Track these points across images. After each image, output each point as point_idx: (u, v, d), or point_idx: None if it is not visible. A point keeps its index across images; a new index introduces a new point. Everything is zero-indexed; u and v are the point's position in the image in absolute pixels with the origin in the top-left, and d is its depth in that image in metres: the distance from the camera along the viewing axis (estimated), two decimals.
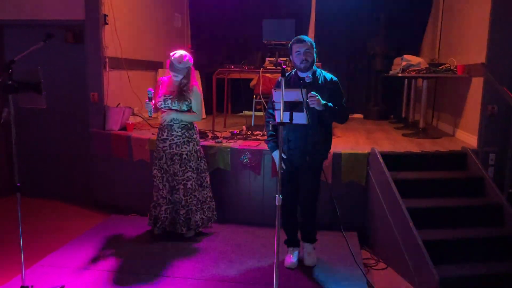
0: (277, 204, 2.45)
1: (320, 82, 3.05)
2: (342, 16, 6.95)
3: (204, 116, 6.56)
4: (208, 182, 3.86)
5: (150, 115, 3.64)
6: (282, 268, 3.24)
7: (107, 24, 4.77)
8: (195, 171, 3.70)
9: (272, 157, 3.52)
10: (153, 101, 3.61)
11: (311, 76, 3.05)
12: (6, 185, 5.24)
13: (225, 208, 4.24)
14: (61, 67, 4.97)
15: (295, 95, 2.53)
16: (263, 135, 4.71)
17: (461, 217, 3.49)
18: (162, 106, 3.61)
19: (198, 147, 3.74)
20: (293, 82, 3.08)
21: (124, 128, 4.82)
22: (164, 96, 3.59)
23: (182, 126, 3.62)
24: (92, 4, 4.66)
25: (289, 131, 3.08)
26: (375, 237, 3.81)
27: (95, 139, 4.84)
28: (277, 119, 2.52)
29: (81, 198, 4.98)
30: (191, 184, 3.68)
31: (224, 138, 4.48)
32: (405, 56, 5.34)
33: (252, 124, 5.71)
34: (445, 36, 5.88)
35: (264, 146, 4.16)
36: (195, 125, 3.75)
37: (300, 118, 2.56)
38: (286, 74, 3.17)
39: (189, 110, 3.63)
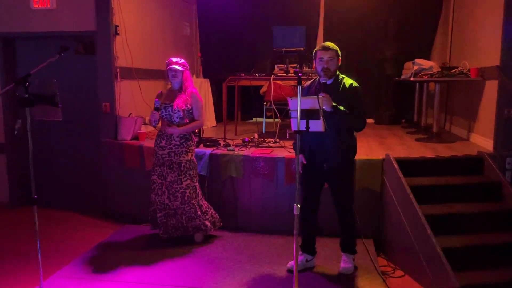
0: (295, 213, 2.43)
1: (340, 87, 3.07)
2: (351, 21, 6.93)
3: (214, 124, 6.59)
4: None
5: (154, 125, 3.73)
6: (300, 275, 3.20)
7: (118, 34, 4.80)
8: (194, 180, 3.75)
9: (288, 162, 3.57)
10: (159, 112, 3.67)
11: (332, 82, 3.08)
12: (19, 196, 5.28)
13: (238, 216, 4.22)
14: (71, 79, 4.99)
15: (311, 102, 2.52)
16: (275, 142, 4.70)
17: (479, 223, 3.43)
18: (163, 114, 3.70)
19: (194, 158, 3.82)
20: (315, 88, 3.12)
21: (136, 137, 4.83)
22: (164, 104, 3.68)
23: (182, 136, 3.70)
24: (103, 16, 4.70)
25: (310, 137, 3.09)
26: (391, 244, 3.76)
27: (107, 149, 4.85)
28: (293, 128, 2.51)
29: (94, 208, 4.99)
30: (190, 192, 3.72)
31: (236, 145, 4.46)
32: (417, 60, 5.30)
33: (263, 131, 5.70)
34: (456, 39, 5.83)
35: (276, 154, 4.14)
36: (193, 136, 3.83)
37: (317, 125, 2.55)
38: (312, 80, 3.25)
39: (191, 120, 3.72)
